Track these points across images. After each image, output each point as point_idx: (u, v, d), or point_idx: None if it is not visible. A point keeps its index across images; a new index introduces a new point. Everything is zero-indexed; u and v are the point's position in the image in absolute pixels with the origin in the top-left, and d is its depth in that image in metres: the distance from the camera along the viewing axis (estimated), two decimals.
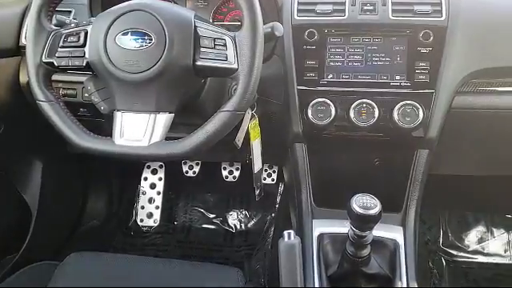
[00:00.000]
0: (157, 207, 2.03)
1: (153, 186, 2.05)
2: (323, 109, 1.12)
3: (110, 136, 0.90)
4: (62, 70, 0.94)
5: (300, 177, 1.24)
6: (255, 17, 0.86)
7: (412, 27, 1.09)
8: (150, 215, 2.02)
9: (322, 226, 1.19)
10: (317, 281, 1.10)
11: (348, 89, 1.12)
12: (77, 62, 0.91)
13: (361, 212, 0.90)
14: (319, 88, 1.13)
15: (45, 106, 0.93)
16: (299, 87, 1.14)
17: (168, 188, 2.07)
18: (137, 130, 0.88)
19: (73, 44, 0.91)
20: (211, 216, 2.04)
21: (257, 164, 1.24)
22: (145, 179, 2.05)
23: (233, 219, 2.03)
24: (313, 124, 1.13)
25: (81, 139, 0.92)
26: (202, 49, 0.87)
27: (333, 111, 1.11)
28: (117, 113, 0.90)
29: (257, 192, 1.34)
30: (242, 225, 2.02)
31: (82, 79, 0.98)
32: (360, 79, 1.12)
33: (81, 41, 0.90)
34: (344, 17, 1.11)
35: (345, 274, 1.07)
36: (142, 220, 2.02)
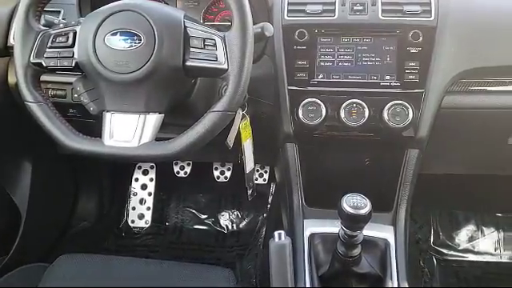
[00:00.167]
0: (148, 208, 2.02)
1: (144, 187, 2.04)
2: (314, 109, 1.12)
3: (100, 137, 0.90)
4: (51, 71, 0.93)
5: (291, 177, 1.24)
6: (245, 17, 0.86)
7: (401, 27, 1.09)
8: (142, 216, 2.01)
9: (313, 226, 1.19)
10: (308, 281, 1.10)
11: (338, 89, 1.12)
12: (65, 63, 0.90)
13: (351, 212, 0.90)
14: (310, 88, 1.13)
15: (33, 107, 0.92)
16: (290, 87, 1.14)
17: (159, 189, 2.06)
18: (126, 131, 0.88)
19: (61, 44, 0.90)
20: (203, 217, 2.04)
21: (248, 164, 1.23)
22: (136, 180, 2.04)
23: (224, 220, 2.03)
24: (303, 124, 1.13)
25: (70, 140, 0.91)
26: (192, 49, 0.87)
27: (323, 111, 1.11)
28: (106, 113, 0.89)
29: (249, 192, 1.34)
30: (234, 225, 2.02)
31: (72, 80, 0.98)
32: (350, 79, 1.12)
33: (69, 41, 0.90)
34: (334, 17, 1.11)
35: (336, 274, 1.07)
36: (134, 221, 2.01)
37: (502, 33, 1.13)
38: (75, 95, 1.16)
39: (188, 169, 2.05)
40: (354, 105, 1.11)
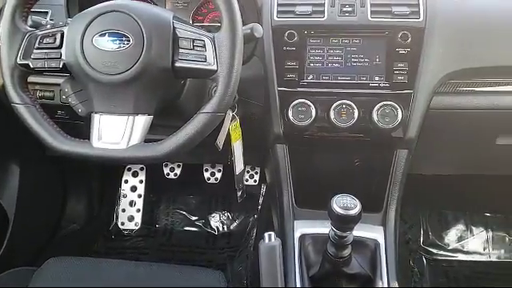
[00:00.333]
0: (138, 210, 2.01)
1: (134, 189, 2.03)
2: (304, 110, 1.12)
3: (89, 139, 0.89)
4: (38, 72, 0.92)
5: (281, 178, 1.24)
6: (234, 18, 0.86)
7: (390, 28, 1.09)
8: (131, 218, 2.00)
9: (304, 227, 1.19)
10: (298, 281, 1.10)
11: (328, 90, 1.12)
12: (53, 64, 0.89)
13: (341, 212, 0.90)
14: (299, 89, 1.13)
15: (20, 109, 0.91)
16: (280, 88, 1.14)
17: (149, 190, 2.05)
18: (115, 133, 0.87)
19: (49, 45, 0.89)
20: (193, 218, 2.03)
21: (238, 165, 1.23)
22: (125, 182, 2.03)
23: (215, 221, 2.02)
24: (293, 125, 1.13)
25: (58, 142, 0.90)
26: (181, 50, 0.86)
27: (313, 112, 1.12)
28: (94, 115, 0.89)
29: (239, 194, 1.34)
30: (225, 227, 2.01)
31: (60, 81, 0.97)
32: (340, 80, 1.12)
33: (57, 42, 0.89)
34: (323, 18, 1.11)
35: (326, 275, 1.07)
36: (123, 223, 2.00)
37: (490, 34, 1.14)
38: (63, 97, 1.14)
39: (178, 170, 2.04)
40: (344, 106, 1.11)
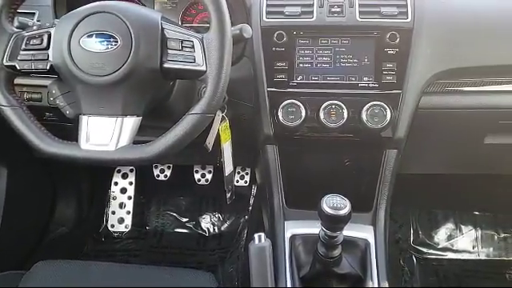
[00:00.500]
0: (128, 212, 2.00)
1: (123, 191, 2.01)
2: (294, 110, 1.12)
3: (77, 141, 0.88)
4: (25, 74, 0.91)
5: (271, 178, 1.24)
6: (223, 18, 0.86)
7: (379, 29, 1.10)
8: (122, 220, 1.99)
9: (294, 228, 1.20)
10: (289, 282, 1.10)
11: (317, 90, 1.13)
12: (40, 66, 0.88)
13: (331, 213, 0.90)
14: (289, 90, 1.13)
15: (7, 111, 0.90)
16: (269, 89, 1.14)
17: (139, 192, 2.04)
18: (103, 135, 0.86)
19: (36, 47, 0.88)
20: (184, 220, 2.02)
21: (228, 167, 1.23)
22: (115, 184, 2.02)
23: (206, 223, 2.02)
24: (283, 125, 1.13)
25: (45, 144, 0.89)
26: (170, 51, 0.86)
27: (303, 113, 1.12)
28: (82, 117, 0.88)
29: (228, 195, 1.33)
30: (216, 228, 2.01)
31: (47, 83, 0.96)
32: (329, 80, 1.12)
33: (44, 43, 0.88)
34: (312, 19, 1.11)
35: (317, 275, 1.07)
36: (113, 225, 1.99)
37: (478, 34, 1.15)
38: (51, 98, 1.13)
39: (168, 172, 2.03)
40: (333, 106, 1.11)
